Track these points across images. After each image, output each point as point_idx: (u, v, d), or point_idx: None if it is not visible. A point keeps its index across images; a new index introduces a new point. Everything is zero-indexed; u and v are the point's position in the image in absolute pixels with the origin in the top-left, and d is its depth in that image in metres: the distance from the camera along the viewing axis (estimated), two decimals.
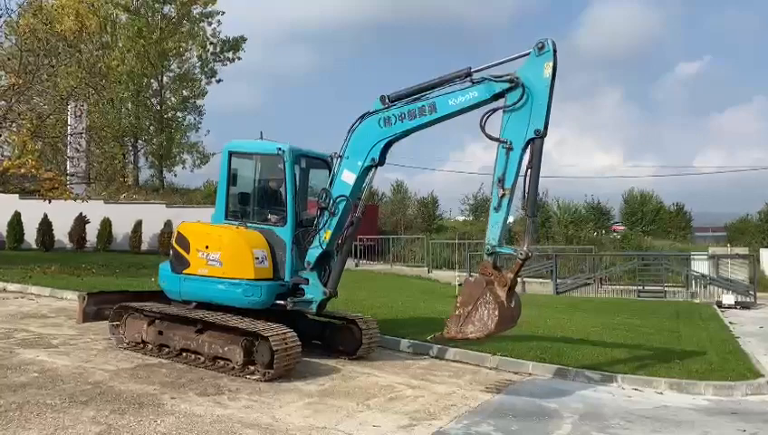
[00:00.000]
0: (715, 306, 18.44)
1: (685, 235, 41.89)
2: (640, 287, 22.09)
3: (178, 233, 8.90)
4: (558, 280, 22.73)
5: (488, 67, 7.42)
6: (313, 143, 8.66)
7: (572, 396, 7.93)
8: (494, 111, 7.31)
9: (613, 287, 22.62)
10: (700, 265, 22.72)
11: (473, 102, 7.39)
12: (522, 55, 7.23)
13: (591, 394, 8.11)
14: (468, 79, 7.39)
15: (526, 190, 7.17)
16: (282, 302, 8.35)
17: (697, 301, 20.36)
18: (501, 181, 7.12)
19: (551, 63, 6.98)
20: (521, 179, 7.19)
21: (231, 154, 8.93)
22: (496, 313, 7.00)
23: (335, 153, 8.52)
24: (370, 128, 8.03)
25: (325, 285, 8.37)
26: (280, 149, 8.48)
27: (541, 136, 7.04)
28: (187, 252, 8.58)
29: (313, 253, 8.35)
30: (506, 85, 7.15)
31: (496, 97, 7.27)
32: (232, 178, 8.99)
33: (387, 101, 7.91)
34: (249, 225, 8.60)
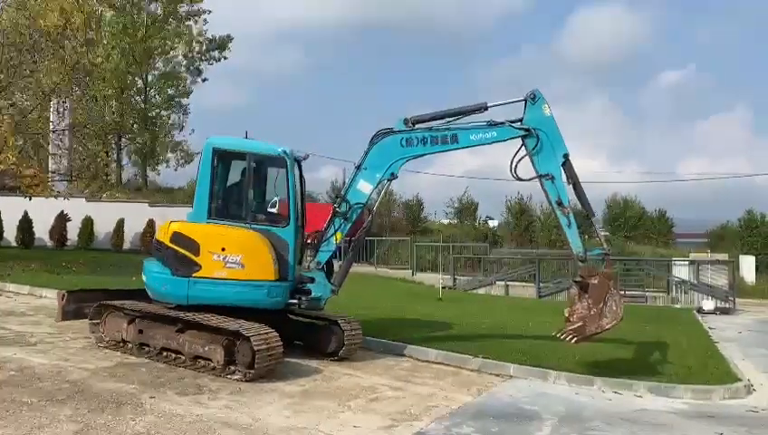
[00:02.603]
0: (695, 312, 18.65)
1: (666, 241, 42.31)
2: (622, 292, 22.24)
3: (177, 233, 8.31)
4: (541, 284, 22.86)
5: (501, 104, 8.88)
6: (288, 143, 8.88)
7: (553, 398, 7.97)
8: (521, 159, 8.70)
9: None
10: (681, 271, 23.00)
11: (491, 141, 8.73)
12: (519, 100, 8.70)
13: (572, 397, 8.16)
14: (488, 121, 8.72)
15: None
16: (294, 301, 8.65)
17: (678, 306, 20.59)
18: (560, 204, 8.58)
19: (547, 105, 8.59)
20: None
21: (216, 151, 8.62)
22: (622, 301, 8.51)
23: (306, 154, 9.32)
24: (392, 146, 8.80)
25: (332, 283, 8.86)
26: (284, 151, 8.63)
27: (568, 157, 8.55)
28: (197, 254, 8.16)
29: (325, 254, 8.85)
30: (522, 133, 8.57)
31: (511, 138, 8.67)
32: (217, 177, 8.68)
33: (409, 124, 8.79)
34: (253, 226, 8.49)
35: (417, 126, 8.82)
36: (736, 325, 16.62)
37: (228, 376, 7.56)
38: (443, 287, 19.62)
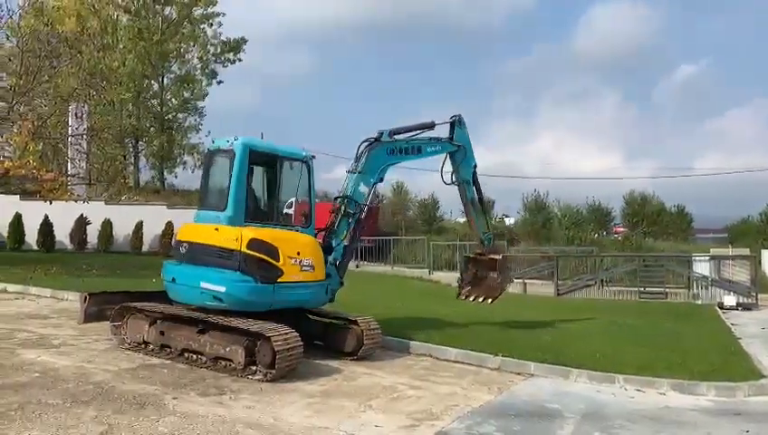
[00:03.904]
0: (717, 308, 18.41)
1: (686, 236, 41.85)
2: (642, 289, 22.05)
3: (257, 240, 8.06)
4: (559, 281, 22.71)
5: (443, 123, 11.00)
6: (297, 143, 9.31)
7: (575, 396, 7.92)
8: (453, 171, 11.18)
9: (614, 289, 22.59)
10: (701, 267, 22.69)
11: (439, 153, 11.00)
12: (448, 122, 11.06)
13: (594, 395, 8.10)
14: (437, 137, 10.89)
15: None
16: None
17: (699, 302, 20.32)
18: (473, 202, 11.45)
19: (466, 129, 11.19)
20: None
21: (251, 152, 8.41)
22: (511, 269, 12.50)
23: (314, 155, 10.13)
24: (381, 154, 10.00)
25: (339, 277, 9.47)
26: (312, 155, 9.13)
27: (476, 168, 11.35)
28: (277, 260, 8.17)
29: (339, 251, 9.51)
30: (455, 148, 10.99)
31: (447, 152, 11.03)
32: (251, 178, 8.63)
33: (392, 135, 10.08)
34: (286, 227, 8.77)
35: (395, 137, 10.14)
36: (759, 321, 16.38)
37: (249, 376, 7.59)
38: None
